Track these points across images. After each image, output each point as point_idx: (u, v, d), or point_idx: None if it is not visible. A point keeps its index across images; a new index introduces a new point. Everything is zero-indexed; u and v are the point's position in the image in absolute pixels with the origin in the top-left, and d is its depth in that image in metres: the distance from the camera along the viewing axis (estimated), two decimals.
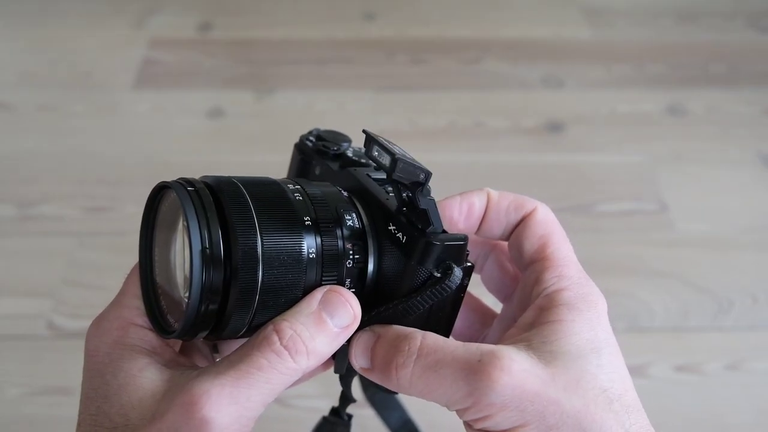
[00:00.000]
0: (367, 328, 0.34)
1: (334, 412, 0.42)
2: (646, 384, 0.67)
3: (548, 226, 0.36)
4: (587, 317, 0.32)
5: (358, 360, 0.33)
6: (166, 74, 1.09)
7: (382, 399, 0.53)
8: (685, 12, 1.25)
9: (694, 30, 1.21)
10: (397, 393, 0.37)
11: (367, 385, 0.53)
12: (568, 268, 0.35)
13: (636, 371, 0.68)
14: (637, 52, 1.15)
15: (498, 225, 0.37)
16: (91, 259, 0.79)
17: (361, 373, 0.34)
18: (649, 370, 0.69)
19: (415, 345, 0.32)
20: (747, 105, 1.04)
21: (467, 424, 0.32)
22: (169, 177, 0.34)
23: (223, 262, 0.30)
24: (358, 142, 0.42)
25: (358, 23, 1.21)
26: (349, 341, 0.34)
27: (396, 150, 0.32)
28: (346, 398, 0.40)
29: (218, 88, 1.06)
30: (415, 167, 0.32)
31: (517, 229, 0.37)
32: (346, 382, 0.40)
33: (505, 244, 0.39)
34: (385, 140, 0.33)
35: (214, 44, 1.15)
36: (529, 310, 0.34)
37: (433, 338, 0.32)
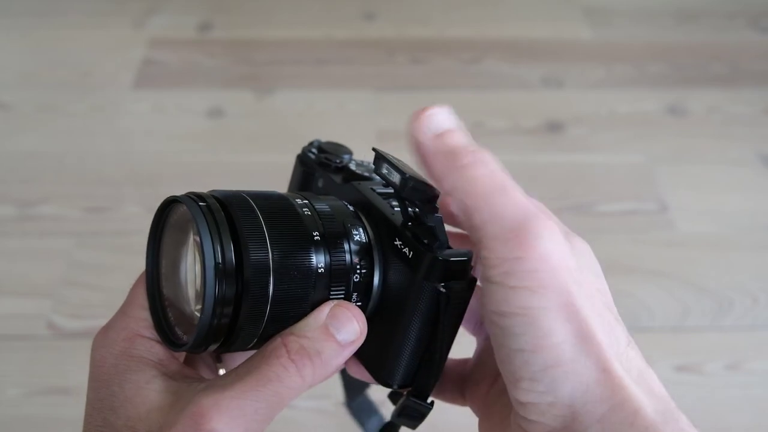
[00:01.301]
0: None
1: None
2: None
3: None
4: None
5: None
6: (166, 74, 1.09)
7: (361, 406, 0.54)
8: (685, 12, 1.25)
9: (694, 30, 1.21)
10: (394, 388, 0.36)
11: (349, 390, 0.54)
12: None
13: None
14: (637, 52, 1.15)
15: None
16: (91, 259, 0.79)
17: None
18: None
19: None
20: (747, 105, 1.04)
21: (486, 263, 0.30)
22: (169, 177, 0.34)
23: (235, 277, 0.31)
24: (358, 153, 0.42)
25: (358, 23, 1.21)
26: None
27: (405, 168, 0.32)
28: None
29: (218, 88, 1.06)
30: (425, 186, 0.32)
31: None
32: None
33: None
34: (394, 158, 0.33)
35: (214, 44, 1.15)
36: None
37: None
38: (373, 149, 0.34)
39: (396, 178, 0.32)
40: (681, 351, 0.70)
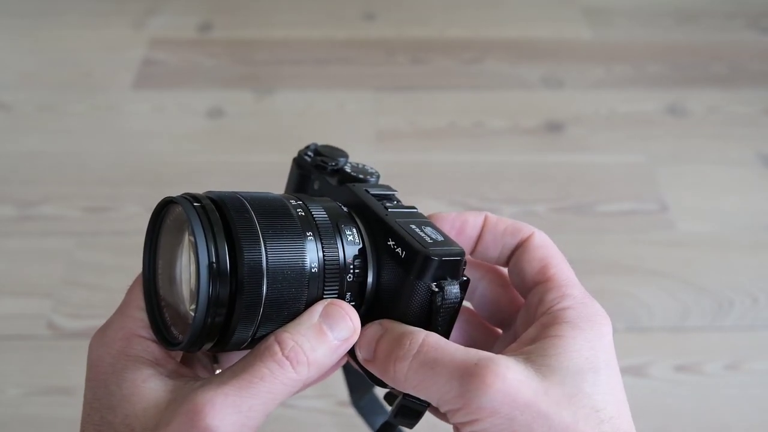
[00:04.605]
0: (377, 321, 0.34)
1: None
2: (646, 384, 0.67)
3: (548, 249, 0.36)
4: (589, 336, 0.32)
5: (362, 350, 0.34)
6: (166, 74, 1.09)
7: (368, 405, 0.54)
8: (685, 12, 1.25)
9: (694, 30, 1.21)
10: (388, 387, 0.37)
11: (355, 391, 0.54)
12: (571, 289, 0.35)
13: (636, 371, 0.68)
14: (637, 52, 1.15)
15: (494, 247, 0.38)
16: (91, 259, 0.79)
17: (363, 364, 0.34)
18: (649, 370, 0.69)
19: (416, 342, 0.32)
20: (747, 105, 1.04)
21: (456, 428, 0.32)
22: (169, 177, 0.34)
23: (229, 277, 0.31)
24: (358, 152, 0.42)
25: (358, 23, 1.21)
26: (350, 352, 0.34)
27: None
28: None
29: (218, 88, 1.06)
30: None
31: (516, 253, 0.37)
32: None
33: (500, 269, 0.39)
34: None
35: (214, 44, 1.15)
36: (531, 327, 0.34)
37: (435, 338, 0.32)
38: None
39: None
40: (681, 351, 0.70)
